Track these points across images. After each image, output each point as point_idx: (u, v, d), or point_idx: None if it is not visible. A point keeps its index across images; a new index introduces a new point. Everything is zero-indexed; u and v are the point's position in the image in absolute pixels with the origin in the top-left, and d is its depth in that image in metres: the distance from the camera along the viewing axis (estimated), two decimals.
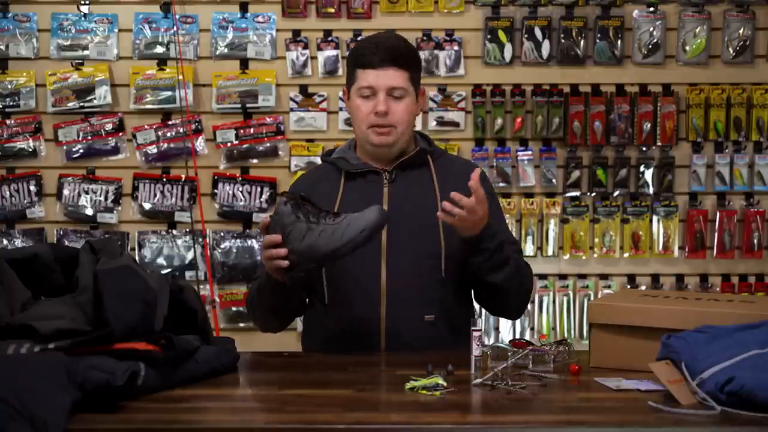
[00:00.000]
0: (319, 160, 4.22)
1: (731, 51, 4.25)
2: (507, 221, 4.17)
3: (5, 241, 4.18)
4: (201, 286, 4.15)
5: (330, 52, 4.23)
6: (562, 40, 4.24)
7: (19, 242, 4.18)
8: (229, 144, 4.25)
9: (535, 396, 2.11)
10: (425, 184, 2.72)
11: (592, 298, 4.23)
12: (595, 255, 4.29)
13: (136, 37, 4.26)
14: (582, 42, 4.24)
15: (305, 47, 4.24)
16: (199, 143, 4.25)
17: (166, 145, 4.24)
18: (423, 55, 4.21)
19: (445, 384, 2.14)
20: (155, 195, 4.25)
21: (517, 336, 4.20)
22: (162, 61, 4.24)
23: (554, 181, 4.25)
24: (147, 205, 4.25)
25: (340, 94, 4.22)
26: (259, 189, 4.24)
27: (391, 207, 2.66)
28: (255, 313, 2.80)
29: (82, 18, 4.24)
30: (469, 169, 2.79)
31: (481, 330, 2.33)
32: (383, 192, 2.69)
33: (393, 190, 2.70)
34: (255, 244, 4.24)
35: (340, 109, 4.24)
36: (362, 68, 2.67)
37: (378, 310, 2.64)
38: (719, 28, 4.25)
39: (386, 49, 2.67)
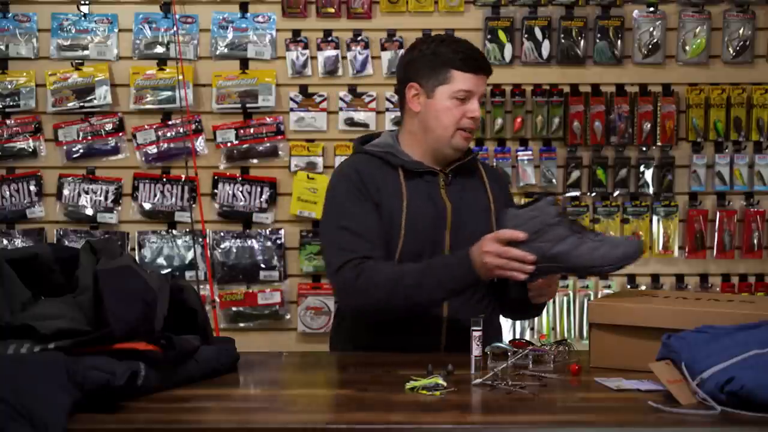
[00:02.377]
0: (318, 160, 4.23)
1: (731, 51, 4.25)
2: None
3: (5, 241, 4.17)
4: (201, 286, 4.15)
5: (330, 52, 4.23)
6: (562, 40, 4.23)
7: (19, 242, 4.18)
8: (229, 144, 4.25)
9: (535, 396, 2.11)
10: (478, 187, 2.80)
11: (592, 298, 4.23)
12: None
13: (136, 37, 4.26)
14: (582, 42, 4.23)
15: (305, 47, 4.24)
16: (199, 143, 4.25)
17: (166, 145, 4.24)
18: None
19: (445, 384, 2.14)
20: (155, 195, 4.25)
21: (517, 336, 4.20)
22: (162, 61, 4.24)
23: (554, 181, 4.25)
24: (147, 205, 4.25)
25: (341, 94, 4.23)
26: (259, 189, 4.24)
27: (452, 209, 2.72)
28: (393, 300, 2.58)
29: (82, 18, 4.24)
30: (502, 173, 3.03)
31: (481, 330, 2.33)
32: (441, 193, 2.73)
33: (450, 192, 2.75)
34: (255, 244, 4.23)
35: (340, 109, 4.24)
36: (462, 71, 2.70)
37: (441, 309, 2.67)
38: (719, 28, 4.25)
39: (482, 56, 2.78)
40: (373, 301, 2.59)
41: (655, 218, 4.27)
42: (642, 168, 4.25)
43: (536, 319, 4.26)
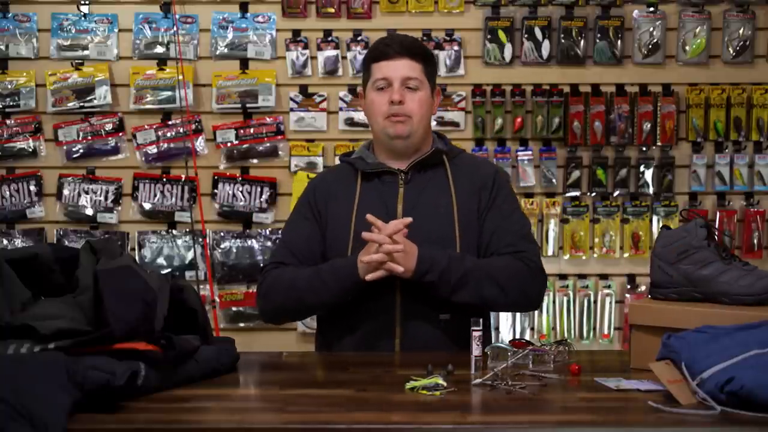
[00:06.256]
0: (318, 160, 4.24)
1: (731, 51, 4.25)
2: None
3: (5, 241, 4.18)
4: (201, 286, 4.15)
5: (330, 52, 4.23)
6: (562, 40, 4.24)
7: (19, 242, 4.18)
8: (229, 144, 4.25)
9: (535, 396, 2.11)
10: (441, 184, 2.74)
11: (592, 298, 4.23)
12: (595, 255, 4.29)
13: (136, 37, 4.26)
14: (582, 42, 4.23)
15: (305, 47, 4.24)
16: (199, 143, 4.25)
17: (166, 145, 4.25)
18: None
19: (445, 384, 2.14)
20: (155, 195, 4.25)
21: (517, 336, 4.20)
22: (162, 61, 4.24)
23: (554, 181, 4.25)
24: (147, 205, 4.25)
25: (341, 94, 4.24)
26: (259, 189, 4.24)
27: (407, 208, 2.68)
28: (287, 304, 2.68)
29: (82, 18, 4.24)
30: (484, 167, 2.82)
31: (481, 330, 2.33)
32: (399, 192, 2.72)
33: (408, 191, 2.72)
34: (255, 244, 4.23)
35: (340, 109, 4.24)
36: (376, 61, 2.71)
37: (393, 311, 2.65)
38: (719, 28, 4.25)
39: (400, 41, 2.74)
40: (272, 306, 2.71)
41: (655, 218, 4.27)
42: (642, 168, 4.25)
43: (536, 319, 4.26)
